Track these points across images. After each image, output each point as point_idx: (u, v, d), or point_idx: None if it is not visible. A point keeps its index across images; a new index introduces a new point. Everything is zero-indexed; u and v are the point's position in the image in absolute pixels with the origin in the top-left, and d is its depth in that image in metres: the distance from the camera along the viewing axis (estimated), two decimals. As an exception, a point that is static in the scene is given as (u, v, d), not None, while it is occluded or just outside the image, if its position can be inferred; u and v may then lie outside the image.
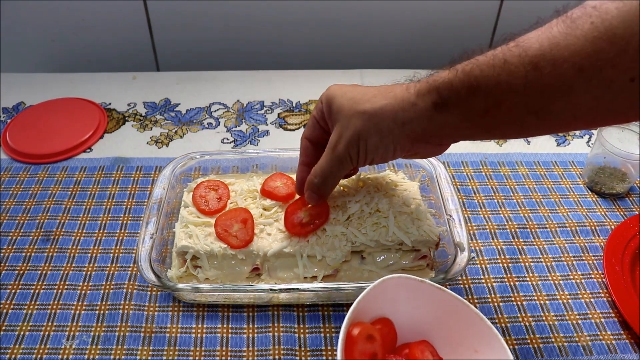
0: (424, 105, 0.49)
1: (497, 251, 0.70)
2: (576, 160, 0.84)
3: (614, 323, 0.63)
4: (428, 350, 0.52)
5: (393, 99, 0.50)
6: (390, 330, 0.52)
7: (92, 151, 0.85)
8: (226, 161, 0.76)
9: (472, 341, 0.51)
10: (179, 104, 0.95)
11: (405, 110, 0.50)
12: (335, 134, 0.54)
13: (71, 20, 1.02)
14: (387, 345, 0.51)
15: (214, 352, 0.59)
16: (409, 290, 0.52)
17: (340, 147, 0.53)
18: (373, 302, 0.51)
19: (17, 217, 0.74)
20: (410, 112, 0.49)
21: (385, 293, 0.52)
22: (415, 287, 0.52)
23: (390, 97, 0.51)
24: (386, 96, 0.51)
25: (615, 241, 0.69)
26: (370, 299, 0.50)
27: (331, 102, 0.54)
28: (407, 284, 0.52)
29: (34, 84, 0.98)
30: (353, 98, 0.52)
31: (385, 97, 0.51)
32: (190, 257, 0.62)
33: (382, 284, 0.51)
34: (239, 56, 1.09)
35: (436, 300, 0.52)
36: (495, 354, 0.49)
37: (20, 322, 0.62)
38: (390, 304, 0.52)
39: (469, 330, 0.51)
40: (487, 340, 0.50)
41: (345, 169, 0.56)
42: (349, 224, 0.63)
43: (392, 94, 0.51)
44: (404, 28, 1.06)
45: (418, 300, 0.52)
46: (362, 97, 0.52)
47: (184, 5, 1.01)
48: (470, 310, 0.51)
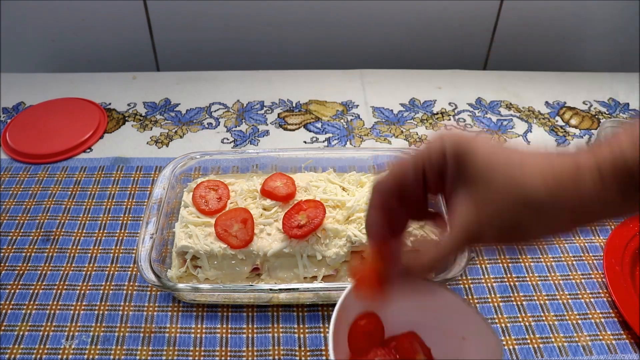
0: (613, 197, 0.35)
1: (497, 251, 0.70)
2: (576, 160, 0.84)
3: (614, 323, 0.63)
4: (416, 342, 0.51)
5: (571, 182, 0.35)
6: (378, 324, 0.52)
7: (92, 151, 0.85)
8: (226, 161, 0.76)
9: (459, 329, 0.51)
10: (179, 104, 0.95)
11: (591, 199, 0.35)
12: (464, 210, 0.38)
13: (71, 20, 1.02)
14: (375, 339, 0.51)
15: (214, 352, 0.59)
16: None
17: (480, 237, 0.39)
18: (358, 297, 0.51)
19: (17, 217, 0.74)
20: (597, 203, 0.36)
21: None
22: None
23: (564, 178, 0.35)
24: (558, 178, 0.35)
25: (615, 241, 0.69)
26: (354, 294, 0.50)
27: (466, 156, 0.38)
28: None
29: (34, 84, 0.98)
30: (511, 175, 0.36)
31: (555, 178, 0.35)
32: (190, 257, 0.62)
33: None
34: (239, 56, 1.09)
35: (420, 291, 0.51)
36: (482, 339, 0.49)
37: (19, 322, 0.62)
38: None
39: (454, 318, 0.51)
40: (473, 326, 0.49)
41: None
42: (348, 224, 0.63)
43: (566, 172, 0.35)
44: (404, 28, 1.06)
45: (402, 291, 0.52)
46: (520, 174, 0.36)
47: (184, 5, 1.01)
48: (455, 298, 0.51)
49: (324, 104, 0.95)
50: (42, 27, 1.03)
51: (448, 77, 1.01)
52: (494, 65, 1.11)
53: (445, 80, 1.00)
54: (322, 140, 0.88)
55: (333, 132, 0.89)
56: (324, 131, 0.90)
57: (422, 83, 1.00)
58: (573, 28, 1.06)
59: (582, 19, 1.05)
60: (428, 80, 1.00)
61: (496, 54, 1.10)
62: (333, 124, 0.91)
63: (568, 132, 0.90)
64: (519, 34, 1.07)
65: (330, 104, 0.95)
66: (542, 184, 0.35)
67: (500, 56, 1.10)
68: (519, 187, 0.36)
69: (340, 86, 0.99)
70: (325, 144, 0.87)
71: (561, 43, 1.09)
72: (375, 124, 0.91)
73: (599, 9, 1.04)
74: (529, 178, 0.36)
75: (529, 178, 0.36)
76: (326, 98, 0.97)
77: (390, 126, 0.91)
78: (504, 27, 1.06)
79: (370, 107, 0.94)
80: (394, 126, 0.91)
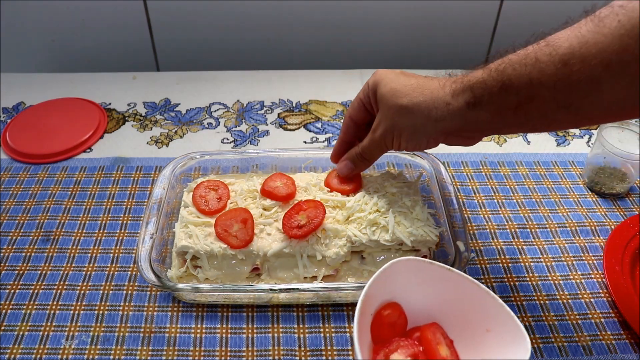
0: (457, 105, 0.52)
1: (497, 251, 0.70)
2: (576, 160, 0.84)
3: (614, 323, 0.63)
4: (439, 333, 0.51)
5: (429, 96, 0.53)
6: (401, 315, 0.52)
7: (92, 151, 0.85)
8: (226, 161, 0.76)
9: (484, 321, 0.50)
10: (179, 104, 0.95)
11: (439, 108, 0.53)
12: (377, 119, 0.59)
13: (71, 20, 1.02)
14: (398, 330, 0.51)
15: (214, 352, 0.59)
16: (418, 272, 0.52)
17: (378, 133, 0.58)
18: (382, 286, 0.51)
19: (17, 217, 0.74)
20: (443, 111, 0.53)
21: (395, 276, 0.51)
22: (424, 269, 0.52)
23: (426, 94, 0.54)
24: (423, 92, 0.54)
25: (615, 241, 0.69)
26: (379, 283, 0.50)
27: (376, 88, 0.58)
28: (416, 267, 0.52)
29: (34, 84, 0.98)
30: (394, 89, 0.55)
31: (422, 93, 0.54)
32: (190, 257, 0.62)
33: (391, 267, 0.51)
34: (239, 56, 1.09)
35: (445, 282, 0.52)
36: (508, 331, 0.48)
37: (19, 322, 0.62)
38: (399, 287, 0.52)
39: (479, 310, 0.51)
40: (499, 319, 0.49)
41: (381, 152, 0.61)
42: (348, 224, 0.63)
43: (428, 90, 0.54)
44: (404, 28, 1.06)
45: (427, 282, 0.52)
46: (402, 90, 0.55)
47: (184, 5, 1.01)
48: (481, 289, 0.50)
49: (324, 104, 0.95)
50: (42, 27, 1.03)
51: (448, 77, 1.01)
52: (494, 65, 1.11)
53: (445, 80, 1.00)
54: (322, 140, 0.88)
55: (333, 132, 0.89)
56: (324, 131, 0.90)
57: (422, 83, 1.00)
58: (573, 28, 1.06)
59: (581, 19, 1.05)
60: (428, 80, 1.00)
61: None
62: (333, 124, 0.91)
63: (568, 132, 0.90)
64: (519, 34, 1.07)
65: (330, 104, 0.95)
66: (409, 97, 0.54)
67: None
68: (395, 98, 0.55)
69: (340, 86, 0.99)
70: (325, 144, 0.87)
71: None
72: (375, 124, 0.91)
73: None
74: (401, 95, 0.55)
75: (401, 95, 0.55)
76: (326, 98, 0.97)
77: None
78: (504, 27, 1.06)
79: (370, 107, 0.94)
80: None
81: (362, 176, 0.69)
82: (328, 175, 0.69)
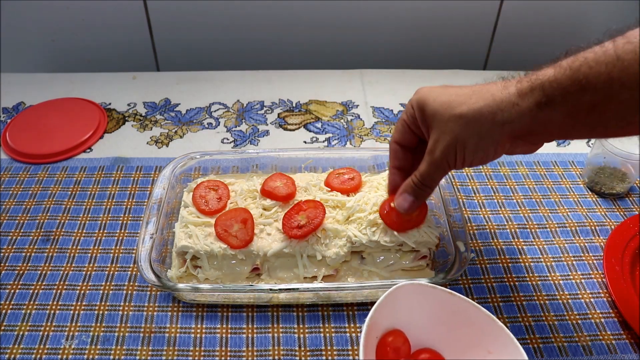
0: (526, 105, 0.48)
1: (497, 251, 0.70)
2: (576, 160, 0.84)
3: (614, 323, 0.63)
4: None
5: (491, 99, 0.49)
6: (405, 341, 0.53)
7: (92, 151, 0.85)
8: (226, 161, 0.76)
9: (485, 343, 0.52)
10: (179, 104, 0.95)
11: (505, 110, 0.49)
12: (432, 139, 0.53)
13: (71, 20, 1.02)
14: (402, 354, 0.53)
15: (214, 352, 0.59)
16: (421, 296, 0.53)
17: (438, 153, 0.52)
18: (387, 310, 0.52)
19: (17, 217, 0.74)
20: (511, 112, 0.48)
21: (398, 301, 0.53)
22: (428, 292, 0.53)
23: (487, 97, 0.50)
24: (482, 97, 0.50)
25: (615, 241, 0.69)
26: (385, 306, 0.51)
27: (424, 106, 0.53)
28: (419, 291, 0.53)
29: (34, 84, 0.98)
30: (447, 102, 0.51)
31: (482, 97, 0.50)
32: (190, 257, 0.62)
33: (396, 291, 0.52)
34: (239, 56, 1.09)
35: (447, 305, 0.53)
36: (509, 354, 0.50)
37: (19, 322, 0.62)
38: (402, 312, 0.53)
39: (481, 332, 0.52)
40: (500, 340, 0.51)
41: (443, 173, 0.55)
42: (348, 224, 0.63)
43: (488, 94, 0.50)
44: (404, 28, 1.06)
45: (430, 306, 0.54)
46: (456, 99, 0.51)
47: (184, 5, 1.01)
48: (482, 312, 0.52)
49: (324, 104, 0.95)
50: (42, 27, 1.03)
51: (448, 77, 1.01)
52: (494, 65, 1.11)
53: (445, 80, 1.00)
54: (322, 140, 0.88)
55: (333, 132, 0.89)
56: (324, 131, 0.90)
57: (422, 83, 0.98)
58: (573, 28, 1.06)
59: (582, 19, 1.05)
60: (428, 80, 1.00)
61: (496, 54, 1.10)
62: (333, 124, 0.91)
63: (568, 132, 0.90)
64: (519, 34, 1.07)
65: (330, 104, 0.95)
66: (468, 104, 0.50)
67: (500, 56, 1.10)
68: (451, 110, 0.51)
69: (340, 86, 0.99)
70: (325, 144, 0.87)
71: (561, 43, 1.09)
72: (375, 124, 0.91)
73: (599, 9, 1.04)
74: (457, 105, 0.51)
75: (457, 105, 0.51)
76: (326, 98, 0.97)
77: (390, 126, 0.91)
78: (504, 27, 1.06)
79: (370, 107, 0.94)
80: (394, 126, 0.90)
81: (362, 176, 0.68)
82: (328, 175, 0.69)
